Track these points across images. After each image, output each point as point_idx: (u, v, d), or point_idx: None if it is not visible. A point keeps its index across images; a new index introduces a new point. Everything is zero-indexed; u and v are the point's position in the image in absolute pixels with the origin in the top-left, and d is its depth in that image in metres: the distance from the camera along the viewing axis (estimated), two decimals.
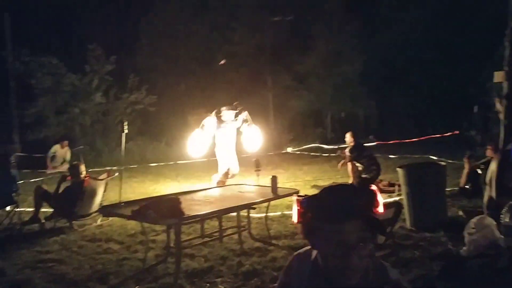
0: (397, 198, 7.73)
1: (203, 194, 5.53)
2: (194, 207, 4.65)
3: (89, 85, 17.20)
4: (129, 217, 4.44)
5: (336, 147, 16.64)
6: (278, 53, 22.87)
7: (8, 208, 7.04)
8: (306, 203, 1.54)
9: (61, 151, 13.86)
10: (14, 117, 16.97)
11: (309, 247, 1.63)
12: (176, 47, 21.46)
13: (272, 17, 21.81)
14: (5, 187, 7.01)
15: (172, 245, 4.80)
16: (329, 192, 1.51)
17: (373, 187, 1.43)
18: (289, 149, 18.55)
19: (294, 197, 5.14)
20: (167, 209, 4.03)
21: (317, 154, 16.67)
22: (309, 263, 1.61)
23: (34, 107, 16.64)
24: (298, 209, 1.34)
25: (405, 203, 6.29)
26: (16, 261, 5.28)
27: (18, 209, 7.21)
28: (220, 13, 22.33)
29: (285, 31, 22.48)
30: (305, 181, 10.56)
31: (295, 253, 1.75)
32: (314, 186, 9.60)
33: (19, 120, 16.92)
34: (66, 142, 14.07)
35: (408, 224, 6.18)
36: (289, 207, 7.35)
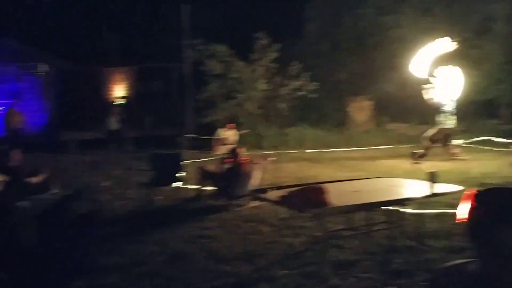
0: None
1: (352, 185, 5.39)
2: (340, 198, 4.55)
3: (254, 72, 17.98)
4: (275, 203, 4.52)
5: (510, 141, 14.98)
6: (450, 37, 21.15)
7: (174, 185, 7.73)
8: (484, 195, 1.28)
9: (227, 134, 14.78)
10: (187, 101, 18.56)
11: (463, 260, 1.36)
12: (340, 33, 21.23)
13: None
14: (172, 166, 7.70)
15: (318, 233, 4.79)
16: None
17: None
18: (458, 142, 17.14)
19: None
20: (311, 198, 4.00)
21: (487, 148, 15.18)
22: (466, 279, 1.32)
23: (205, 92, 17.98)
24: (471, 203, 1.11)
25: None
26: (177, 234, 5.77)
27: (184, 186, 7.88)
28: None
29: (458, 12, 20.69)
30: (471, 177, 9.66)
31: (440, 266, 1.46)
32: (482, 185, 8.71)
33: (192, 105, 18.46)
34: (232, 125, 14.95)
35: None
36: (450, 205, 6.79)
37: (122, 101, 18.92)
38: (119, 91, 19.51)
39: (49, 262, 4.58)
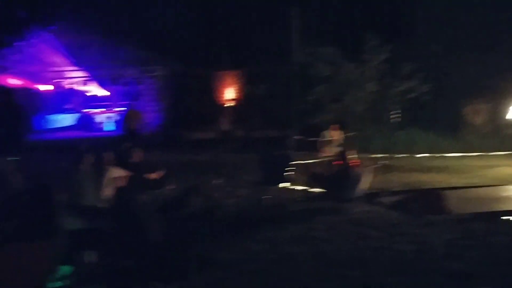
0: None
1: (469, 192, 5.11)
2: (456, 205, 4.34)
3: (363, 74, 17.61)
4: (387, 207, 4.43)
5: None
6: None
7: (282, 185, 7.84)
8: None
9: (333, 136, 14.63)
10: (295, 103, 18.70)
11: None
12: (454, 34, 20.08)
13: None
14: (281, 166, 7.82)
15: (433, 241, 4.60)
16: None
17: None
18: None
19: None
20: (426, 204, 3.86)
21: None
22: None
23: (313, 94, 17.95)
24: None
25: None
26: (286, 234, 5.84)
27: (291, 187, 7.97)
28: None
29: None
30: None
31: None
32: None
33: (299, 107, 18.55)
34: (336, 127, 14.78)
35: None
36: None
37: (233, 103, 19.60)
38: (229, 93, 20.24)
39: (170, 254, 4.86)
